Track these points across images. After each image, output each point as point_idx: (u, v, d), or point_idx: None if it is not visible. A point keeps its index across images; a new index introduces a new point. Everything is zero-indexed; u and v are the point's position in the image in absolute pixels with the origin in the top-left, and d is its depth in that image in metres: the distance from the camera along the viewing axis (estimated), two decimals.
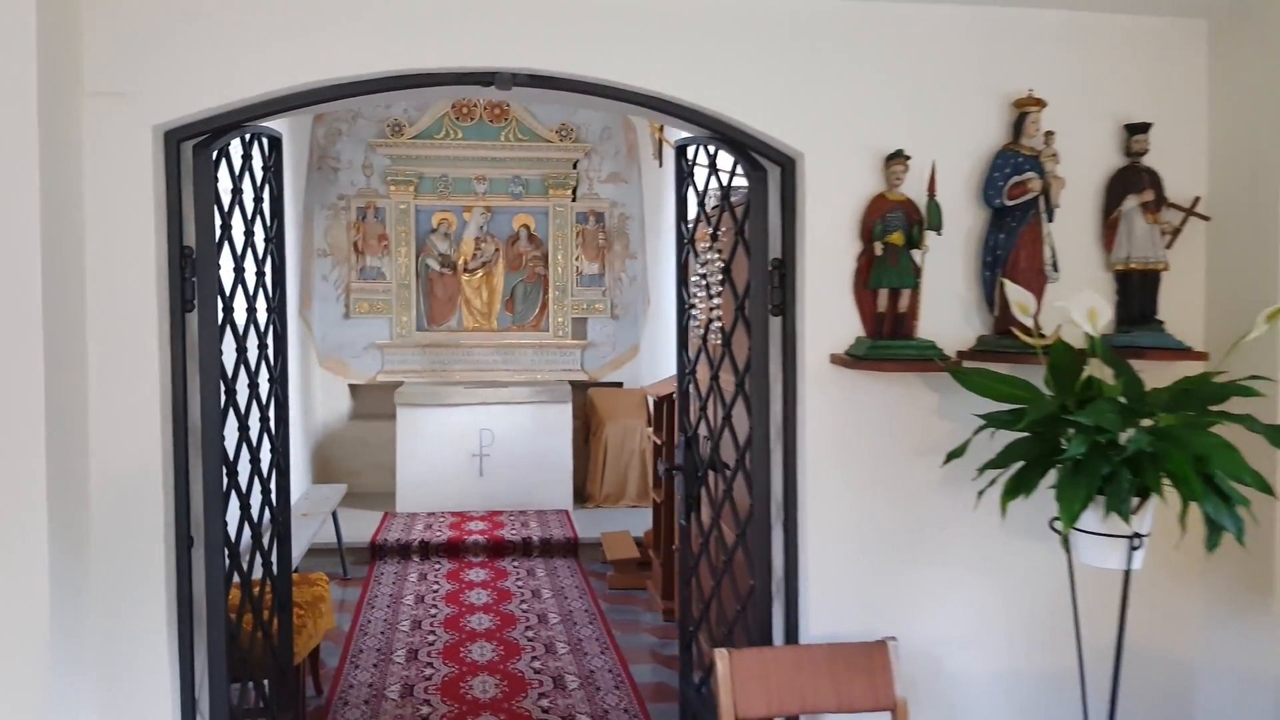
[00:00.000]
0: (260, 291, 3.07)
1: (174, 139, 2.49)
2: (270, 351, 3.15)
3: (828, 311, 2.68)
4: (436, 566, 6.52)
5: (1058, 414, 2.23)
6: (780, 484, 2.83)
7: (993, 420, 2.36)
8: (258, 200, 3.05)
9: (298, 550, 5.26)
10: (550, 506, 7.62)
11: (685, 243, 3.37)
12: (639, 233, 8.69)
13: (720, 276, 3.07)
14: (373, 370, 8.45)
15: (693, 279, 3.29)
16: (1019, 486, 2.28)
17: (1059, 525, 2.28)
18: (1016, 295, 2.38)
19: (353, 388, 8.50)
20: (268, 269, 3.16)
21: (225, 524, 2.60)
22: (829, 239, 2.67)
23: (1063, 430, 2.23)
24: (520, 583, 6.22)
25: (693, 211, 3.42)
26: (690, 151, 3.36)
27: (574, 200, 8.63)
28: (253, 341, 3.01)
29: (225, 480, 2.63)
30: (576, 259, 8.64)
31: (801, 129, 2.66)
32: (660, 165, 7.56)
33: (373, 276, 8.43)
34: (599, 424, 8.03)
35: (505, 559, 6.70)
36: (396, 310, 8.43)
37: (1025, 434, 2.31)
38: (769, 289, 2.78)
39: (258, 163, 3.11)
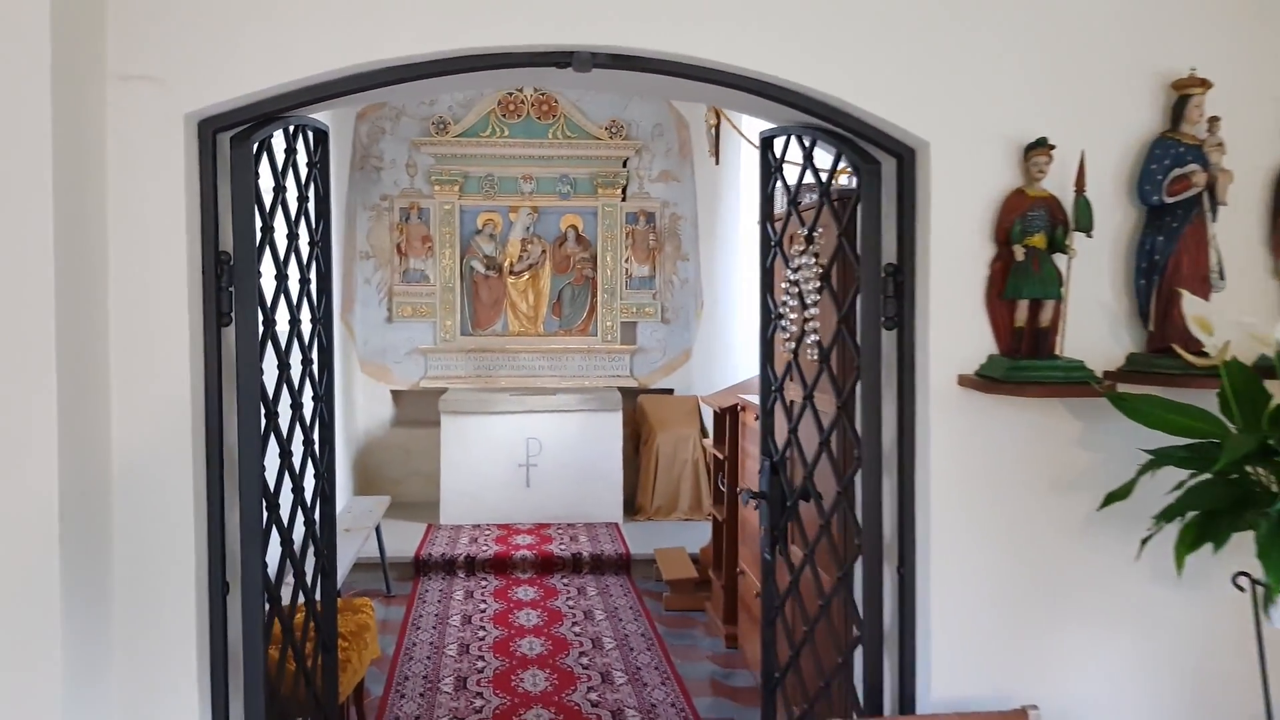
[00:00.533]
0: (304, 301, 2.76)
1: (209, 129, 2.19)
2: (315, 367, 2.85)
3: (954, 325, 2.31)
4: (483, 583, 6.22)
5: (1257, 452, 1.85)
6: (892, 520, 2.46)
7: (1167, 458, 1.98)
8: (302, 199, 2.75)
9: (341, 571, 4.98)
10: (600, 519, 7.30)
11: (773, 245, 3.02)
12: (691, 233, 8.34)
13: (818, 284, 2.71)
14: (416, 376, 8.19)
15: (782, 285, 2.93)
16: (1203, 537, 1.90)
17: (1246, 582, 1.90)
18: (1196, 309, 2.00)
19: (395, 394, 8.24)
20: (313, 275, 2.86)
21: (265, 565, 2.29)
22: (957, 241, 2.30)
23: (1265, 471, 1.85)
24: (571, 602, 5.90)
25: (780, 209, 3.06)
26: (779, 144, 3.00)
27: (624, 200, 8.30)
28: (295, 357, 2.71)
29: (265, 514, 2.33)
30: (626, 261, 8.31)
31: (927, 114, 2.29)
32: (717, 163, 7.20)
33: (416, 279, 8.17)
34: (650, 433, 7.70)
35: (555, 575, 6.38)
36: (440, 314, 8.16)
37: (1208, 475, 1.93)
38: (882, 299, 2.42)
39: (302, 158, 2.82)
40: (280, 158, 2.60)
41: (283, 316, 2.62)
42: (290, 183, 2.67)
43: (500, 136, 8.14)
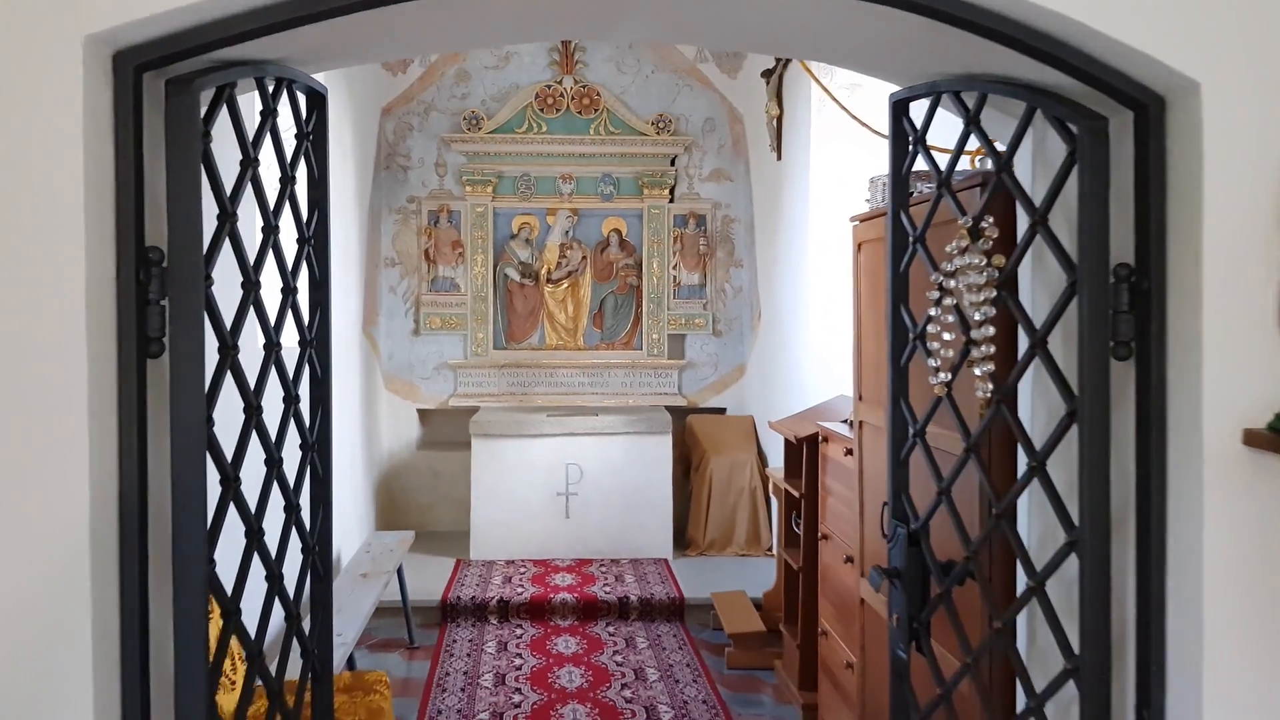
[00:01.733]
0: (289, 316, 2.06)
1: (131, 66, 1.48)
2: (305, 405, 2.14)
3: (1234, 355, 1.55)
4: (518, 632, 5.49)
5: None
6: (1127, 624, 1.70)
7: None
8: (287, 180, 2.04)
9: (355, 625, 4.28)
10: (647, 554, 6.55)
11: (911, 242, 2.26)
12: (746, 238, 7.59)
13: (992, 292, 1.96)
14: (444, 393, 7.50)
15: (930, 295, 2.18)
16: None
17: None
18: None
19: (422, 413, 7.56)
20: (302, 283, 2.15)
21: (213, 707, 1.57)
22: (1236, 230, 1.54)
23: None
24: (619, 656, 5.15)
25: (914, 191, 2.30)
26: (919, 109, 2.25)
27: (672, 201, 7.57)
28: (275, 392, 2.00)
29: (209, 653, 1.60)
30: (674, 267, 7.58)
31: (1199, 43, 1.53)
32: (780, 158, 6.45)
33: (445, 288, 7.49)
34: (702, 457, 6.94)
35: (599, 622, 5.64)
36: (471, 326, 7.47)
37: None
38: (1111, 315, 1.66)
39: (289, 125, 2.11)
40: (254, 123, 1.90)
41: (254, 340, 1.91)
42: (270, 157, 1.97)
43: (538, 133, 7.46)
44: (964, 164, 2.71)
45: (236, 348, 1.71)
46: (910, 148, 2.28)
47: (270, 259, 2.00)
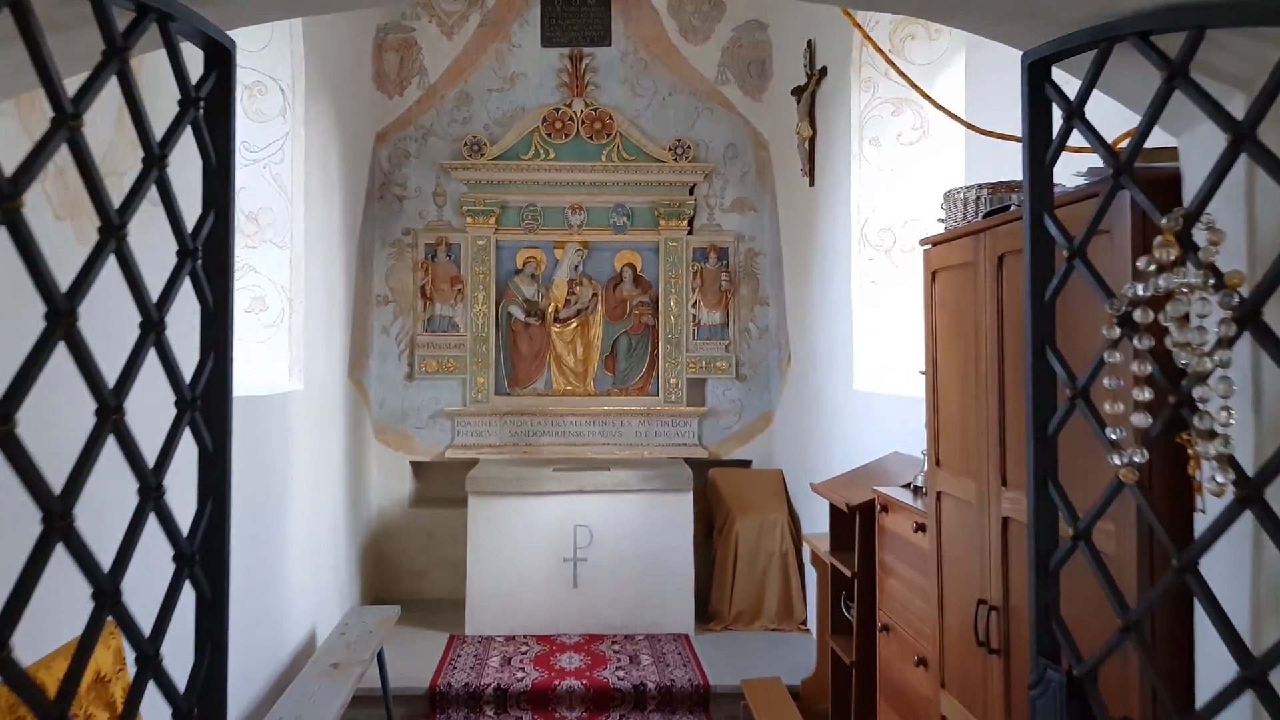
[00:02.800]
0: (141, 361, 1.37)
1: None
2: (189, 493, 1.45)
3: None
4: None
5: None
6: None
7: None
8: (154, 163, 1.37)
9: None
10: (665, 629, 5.79)
11: (1070, 256, 1.57)
12: (772, 272, 6.92)
13: (1227, 330, 1.26)
14: (440, 444, 6.81)
15: (1107, 333, 1.48)
16: None
17: None
18: None
19: (416, 466, 6.86)
20: (183, 317, 1.47)
21: None
22: None
23: None
24: None
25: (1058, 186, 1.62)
26: (1076, 69, 1.58)
27: (690, 233, 6.93)
28: (123, 481, 1.31)
29: None
30: (693, 305, 6.91)
31: None
32: (812, 184, 5.80)
33: (443, 328, 6.83)
34: (726, 517, 6.20)
35: (611, 714, 4.87)
36: (471, 369, 6.80)
37: None
38: None
39: (153, 70, 1.45)
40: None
41: (69, 414, 1.23)
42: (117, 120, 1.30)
43: (545, 159, 6.85)
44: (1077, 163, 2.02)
45: (9, 418, 1.02)
46: (1060, 123, 1.60)
47: (115, 276, 1.32)
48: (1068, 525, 1.58)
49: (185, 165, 1.67)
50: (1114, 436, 1.44)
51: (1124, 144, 2.19)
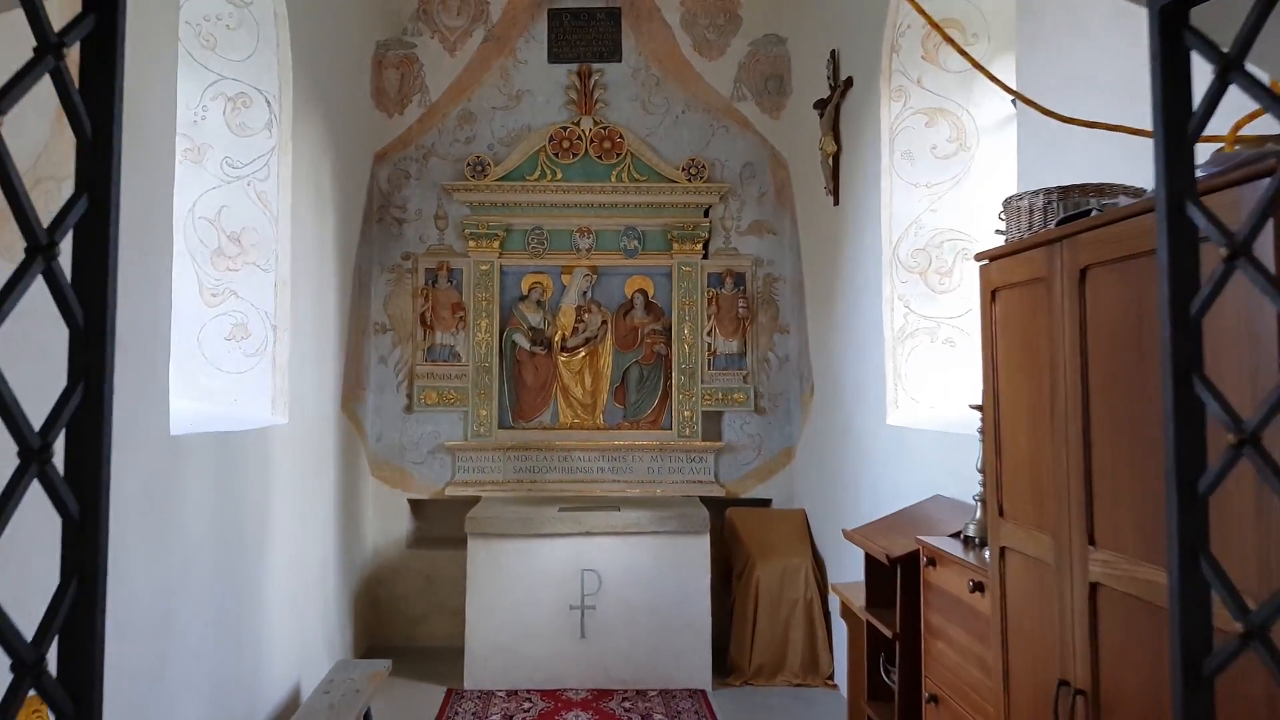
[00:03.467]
0: None
1: None
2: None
3: None
4: None
5: None
6: None
7: None
8: None
9: None
10: (681, 684, 5.33)
11: (1228, 256, 1.15)
12: (792, 299, 6.53)
13: None
14: (441, 480, 6.40)
15: None
16: None
17: None
18: None
19: (414, 504, 6.46)
20: (32, 327, 1.07)
21: None
22: None
23: None
24: None
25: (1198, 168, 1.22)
26: (1223, 9, 1.17)
27: (705, 257, 6.55)
28: None
29: None
30: (709, 333, 6.51)
31: None
32: (837, 202, 5.42)
33: (444, 357, 6.46)
34: (746, 562, 5.76)
35: None
36: (473, 401, 6.41)
37: None
38: None
39: None
40: None
41: None
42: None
43: (552, 180, 6.50)
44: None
45: None
46: (1212, 79, 1.20)
47: None
48: (1234, 618, 1.17)
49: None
50: None
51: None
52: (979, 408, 3.21)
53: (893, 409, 4.60)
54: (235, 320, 4.52)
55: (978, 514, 3.21)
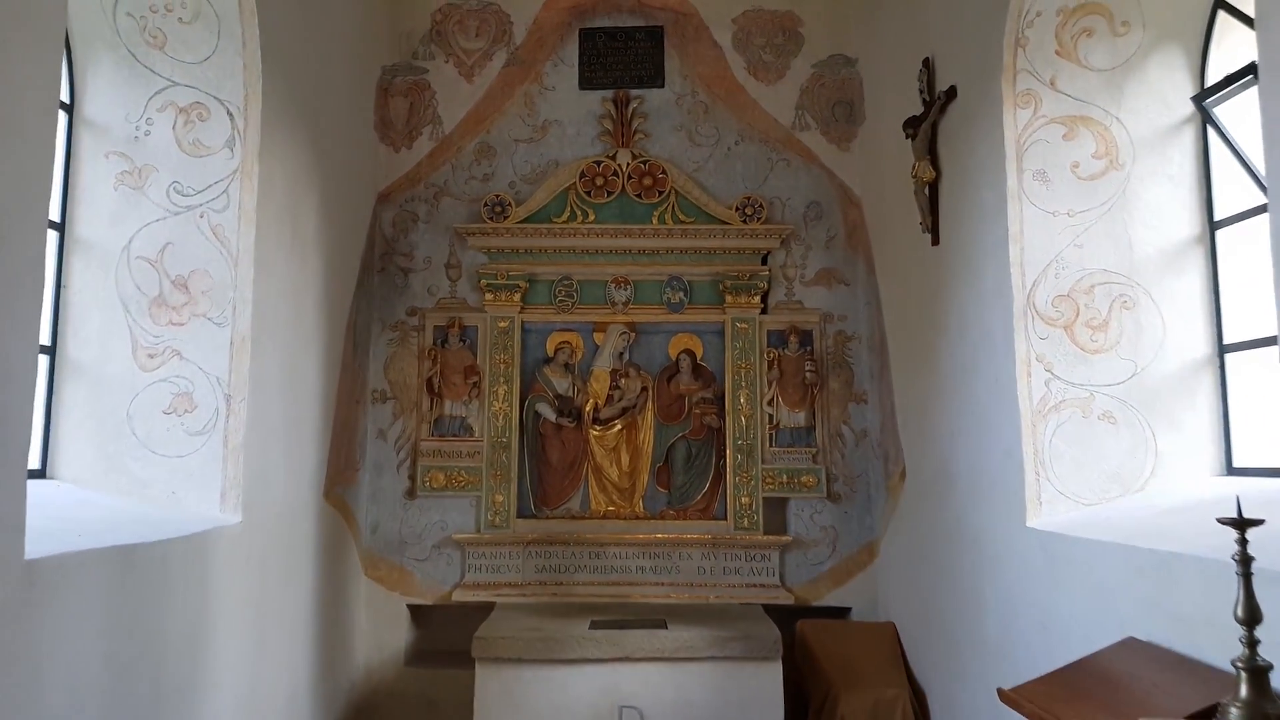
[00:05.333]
0: None
1: None
2: None
3: None
4: None
5: None
6: None
7: None
8: None
9: None
10: None
11: None
12: (870, 361, 5.44)
13: None
14: (448, 581, 5.31)
15: None
16: None
17: None
18: None
19: (415, 610, 5.35)
20: None
21: None
22: None
23: None
24: None
25: None
26: None
27: (764, 312, 5.51)
28: None
29: None
30: (769, 403, 5.43)
31: None
32: (936, 241, 4.36)
33: (454, 431, 5.42)
34: (826, 691, 4.56)
35: None
36: (488, 484, 5.34)
37: None
38: None
39: None
40: None
41: None
42: None
43: (583, 222, 5.53)
44: None
45: None
46: None
47: None
48: None
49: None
50: None
51: None
52: (1239, 522, 2.09)
53: (1034, 506, 3.46)
54: (177, 389, 3.51)
55: (1243, 691, 2.07)
